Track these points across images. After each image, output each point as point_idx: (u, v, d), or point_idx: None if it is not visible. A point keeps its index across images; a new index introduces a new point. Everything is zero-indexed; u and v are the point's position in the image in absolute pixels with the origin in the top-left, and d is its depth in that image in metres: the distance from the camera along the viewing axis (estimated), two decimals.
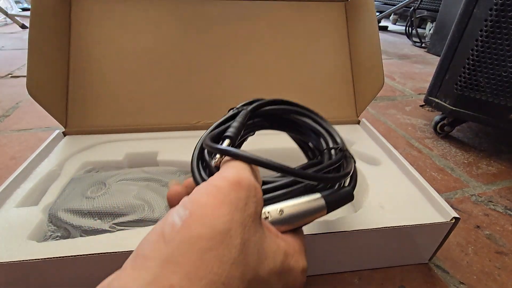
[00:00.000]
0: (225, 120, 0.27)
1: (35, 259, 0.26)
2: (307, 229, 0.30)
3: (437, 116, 0.66)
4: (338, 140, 0.28)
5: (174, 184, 0.24)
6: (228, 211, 0.15)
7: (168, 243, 0.14)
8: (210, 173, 0.21)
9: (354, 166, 0.27)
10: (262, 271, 0.16)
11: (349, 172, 0.26)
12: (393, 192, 0.37)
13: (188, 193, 0.18)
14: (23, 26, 1.53)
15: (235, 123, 0.25)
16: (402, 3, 1.44)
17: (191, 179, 0.23)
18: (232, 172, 0.18)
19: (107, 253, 0.27)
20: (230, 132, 0.24)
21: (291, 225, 0.22)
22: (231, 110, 0.28)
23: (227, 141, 0.23)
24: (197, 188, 0.17)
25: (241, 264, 0.15)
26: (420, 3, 1.47)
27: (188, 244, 0.14)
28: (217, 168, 0.20)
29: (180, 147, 0.44)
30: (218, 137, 0.25)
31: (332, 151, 0.27)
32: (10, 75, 0.91)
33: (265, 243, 0.17)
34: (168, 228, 0.15)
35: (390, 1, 1.73)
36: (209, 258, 0.14)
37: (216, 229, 0.14)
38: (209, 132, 0.25)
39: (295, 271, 0.18)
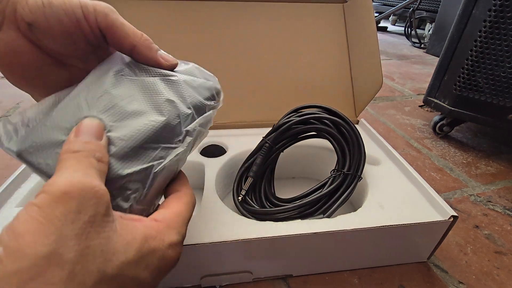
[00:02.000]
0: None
1: None
2: (306, 229, 0.31)
3: (436, 117, 0.67)
4: (346, 164, 0.36)
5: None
6: (53, 230, 0.14)
7: None
8: None
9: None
10: (110, 269, 0.16)
11: None
12: (392, 191, 0.37)
13: None
14: None
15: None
16: (401, 4, 1.45)
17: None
18: (59, 180, 0.16)
19: None
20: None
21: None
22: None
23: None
24: (18, 213, 0.15)
25: (79, 274, 0.15)
26: (419, 4, 1.47)
27: (5, 283, 0.13)
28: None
29: None
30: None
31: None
32: None
33: (113, 239, 0.16)
34: None
35: (389, 2, 1.74)
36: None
37: (39, 255, 0.14)
38: None
39: (159, 251, 0.19)
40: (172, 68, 0.24)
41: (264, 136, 0.38)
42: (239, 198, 0.36)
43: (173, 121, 0.22)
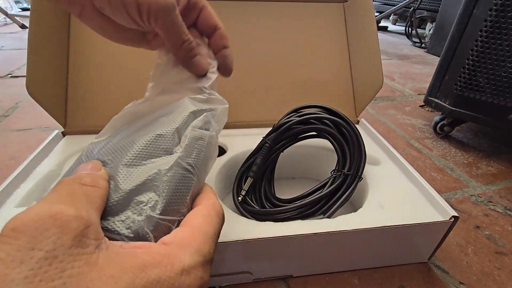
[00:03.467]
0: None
1: None
2: (306, 229, 0.30)
3: (436, 117, 0.67)
4: (347, 164, 0.35)
5: None
6: None
7: None
8: None
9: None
10: None
11: None
12: (393, 191, 0.37)
13: None
14: (23, 26, 1.53)
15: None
16: (402, 4, 1.44)
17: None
18: (17, 216, 0.14)
19: None
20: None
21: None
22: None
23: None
24: None
25: None
26: (419, 4, 1.47)
27: None
28: None
29: None
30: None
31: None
32: (9, 75, 0.91)
33: (86, 275, 0.13)
34: None
35: (390, 2, 1.74)
36: None
37: None
38: None
39: (165, 281, 0.15)
40: (201, 73, 0.26)
41: (264, 136, 0.38)
42: (239, 198, 0.36)
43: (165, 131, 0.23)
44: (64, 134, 0.46)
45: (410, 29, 1.52)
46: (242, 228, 0.31)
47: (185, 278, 0.15)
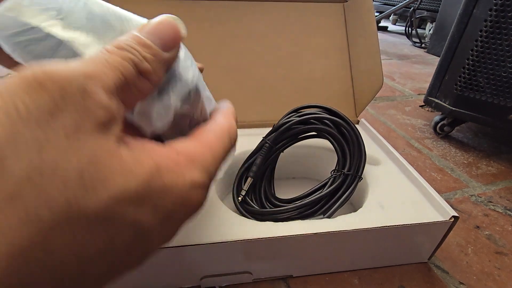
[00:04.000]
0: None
1: None
2: (306, 229, 0.30)
3: (436, 117, 0.67)
4: (347, 165, 0.35)
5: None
6: (7, 127, 0.10)
7: None
8: None
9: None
10: (92, 203, 0.10)
11: None
12: (393, 191, 0.37)
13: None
14: None
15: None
16: (402, 4, 1.44)
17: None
18: (48, 66, 0.11)
19: None
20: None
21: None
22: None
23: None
24: None
25: (29, 202, 0.09)
26: (419, 4, 1.47)
27: None
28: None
29: None
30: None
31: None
32: (9, 75, 0.91)
33: (106, 161, 0.11)
34: None
35: (389, 2, 1.74)
36: None
37: None
38: None
39: (175, 189, 0.13)
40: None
41: (264, 136, 0.38)
42: (239, 198, 0.36)
43: None
44: None
45: (410, 29, 1.52)
46: (242, 228, 0.31)
47: (192, 192, 0.14)
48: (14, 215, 0.09)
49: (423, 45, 1.47)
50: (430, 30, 1.48)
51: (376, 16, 1.32)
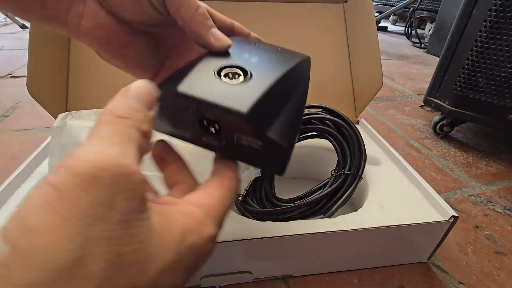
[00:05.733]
0: None
1: None
2: (306, 229, 0.31)
3: (436, 117, 0.67)
4: (347, 165, 0.35)
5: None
6: (78, 230, 0.11)
7: None
8: None
9: None
10: (144, 282, 0.12)
11: None
12: (393, 191, 0.37)
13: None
14: (23, 26, 1.53)
15: None
16: (401, 4, 1.45)
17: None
18: (89, 155, 0.12)
19: None
20: None
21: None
22: None
23: None
24: (29, 195, 0.11)
25: None
26: (419, 4, 1.47)
27: None
28: None
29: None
30: None
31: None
32: (10, 75, 0.91)
33: (149, 242, 0.13)
34: None
35: (389, 2, 1.74)
36: None
37: (58, 265, 0.10)
38: None
39: (197, 247, 0.15)
40: (223, 49, 0.21)
41: None
42: (240, 198, 0.36)
43: None
44: None
45: (409, 29, 1.52)
46: (243, 228, 0.31)
47: (208, 246, 0.16)
48: None
49: (422, 46, 1.47)
50: (429, 30, 1.48)
51: (376, 16, 1.32)
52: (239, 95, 0.17)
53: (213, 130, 0.18)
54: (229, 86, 0.18)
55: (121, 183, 0.12)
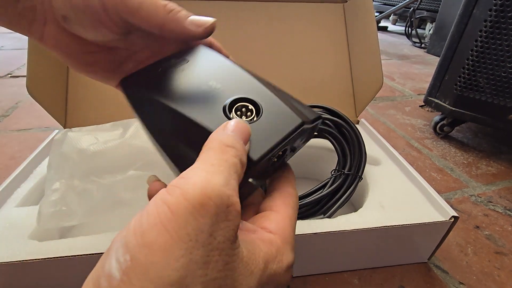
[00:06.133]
0: None
1: (36, 259, 0.26)
2: (306, 229, 0.30)
3: (436, 117, 0.67)
4: (347, 165, 0.35)
5: (154, 180, 0.20)
6: (183, 252, 0.12)
7: None
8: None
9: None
10: None
11: None
12: (393, 191, 0.37)
13: None
14: None
15: None
16: (401, 4, 1.44)
17: None
18: (199, 181, 0.13)
19: None
20: None
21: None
22: None
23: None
24: (146, 209, 0.13)
25: None
26: (419, 4, 1.47)
27: None
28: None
29: None
30: None
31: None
32: (9, 75, 0.91)
33: (237, 270, 0.13)
34: (104, 282, 0.12)
35: (389, 2, 1.74)
36: None
37: (167, 281, 0.11)
38: None
39: (277, 276, 0.15)
40: (208, 33, 0.20)
41: None
42: None
43: None
44: None
45: (410, 29, 1.52)
46: None
47: (285, 275, 0.16)
48: None
49: (423, 45, 1.47)
50: (430, 30, 1.48)
51: (376, 16, 1.32)
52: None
53: None
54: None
55: (222, 213, 0.13)
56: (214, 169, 0.14)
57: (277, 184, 0.20)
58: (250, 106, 0.19)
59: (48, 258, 0.26)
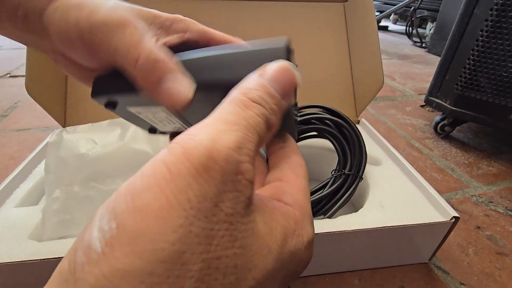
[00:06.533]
0: None
1: (36, 259, 0.26)
2: None
3: (437, 117, 0.66)
4: (348, 165, 0.35)
5: None
6: (183, 221, 0.10)
7: (77, 283, 0.09)
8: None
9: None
10: None
11: None
12: (393, 192, 0.37)
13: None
14: None
15: None
16: (402, 3, 1.44)
17: None
18: (208, 136, 0.11)
19: None
20: None
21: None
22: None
23: None
24: (141, 170, 0.11)
25: None
26: (420, 3, 1.47)
27: (108, 282, 0.09)
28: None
29: None
30: None
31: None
32: (8, 75, 0.91)
33: (252, 248, 0.11)
34: (81, 256, 0.09)
35: (390, 1, 1.73)
36: None
37: (158, 257, 0.09)
38: None
39: (297, 254, 0.13)
40: (180, 109, 0.16)
41: None
42: None
43: None
44: None
45: (410, 28, 1.52)
46: None
47: (306, 252, 0.14)
48: None
49: (423, 45, 1.47)
50: (430, 29, 1.48)
51: (376, 15, 1.32)
52: None
53: None
54: None
55: (229, 182, 0.11)
56: (226, 128, 0.11)
57: (282, 154, 0.18)
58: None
59: (48, 258, 0.26)
